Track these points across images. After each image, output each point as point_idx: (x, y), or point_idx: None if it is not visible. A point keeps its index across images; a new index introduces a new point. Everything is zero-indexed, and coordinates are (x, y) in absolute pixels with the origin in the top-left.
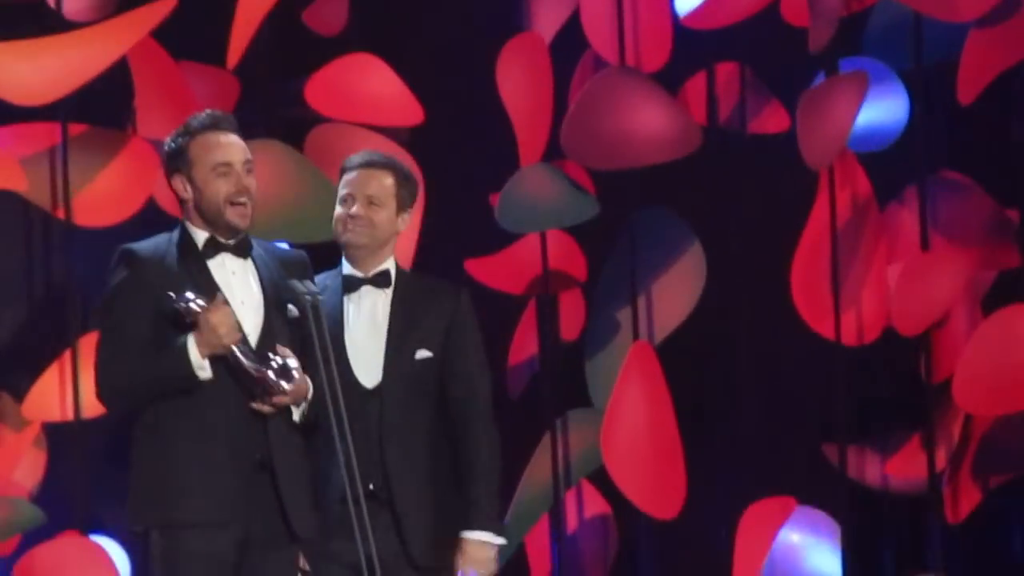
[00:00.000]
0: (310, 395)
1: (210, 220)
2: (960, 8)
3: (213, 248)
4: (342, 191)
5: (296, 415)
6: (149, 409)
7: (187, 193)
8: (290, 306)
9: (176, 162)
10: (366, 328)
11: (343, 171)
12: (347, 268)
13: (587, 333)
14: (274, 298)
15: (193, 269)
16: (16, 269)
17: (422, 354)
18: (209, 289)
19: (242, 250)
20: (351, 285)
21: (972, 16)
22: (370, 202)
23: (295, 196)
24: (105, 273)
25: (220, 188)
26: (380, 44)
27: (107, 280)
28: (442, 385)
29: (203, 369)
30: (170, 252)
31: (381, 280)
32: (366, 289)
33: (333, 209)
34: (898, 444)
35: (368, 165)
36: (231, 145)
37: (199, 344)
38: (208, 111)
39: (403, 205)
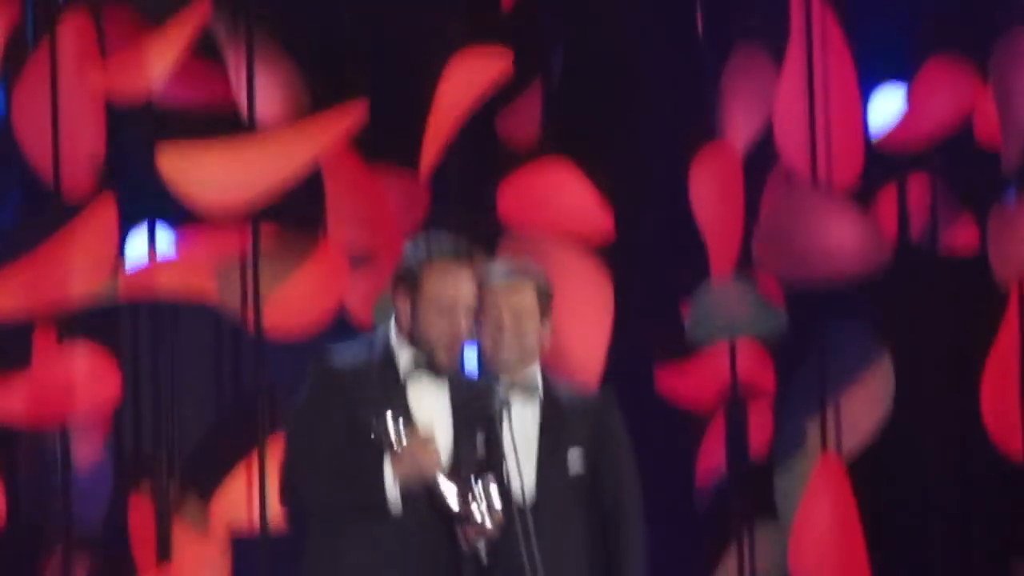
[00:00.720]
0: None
1: (419, 351)
2: None
3: (419, 369)
4: (487, 306)
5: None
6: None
7: (405, 315)
8: (479, 435)
9: (406, 280)
10: (518, 439)
11: (485, 286)
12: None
13: (775, 445)
14: (464, 427)
15: (392, 391)
16: (206, 373)
17: (575, 463)
18: (406, 413)
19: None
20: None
21: None
22: (518, 317)
23: None
24: (298, 379)
25: (440, 328)
26: (572, 151)
27: (301, 389)
28: (593, 494)
29: (396, 504)
30: (371, 367)
31: (528, 390)
32: (515, 401)
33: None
34: None
35: (511, 280)
36: (461, 286)
37: (396, 474)
38: (452, 240)
39: (545, 319)
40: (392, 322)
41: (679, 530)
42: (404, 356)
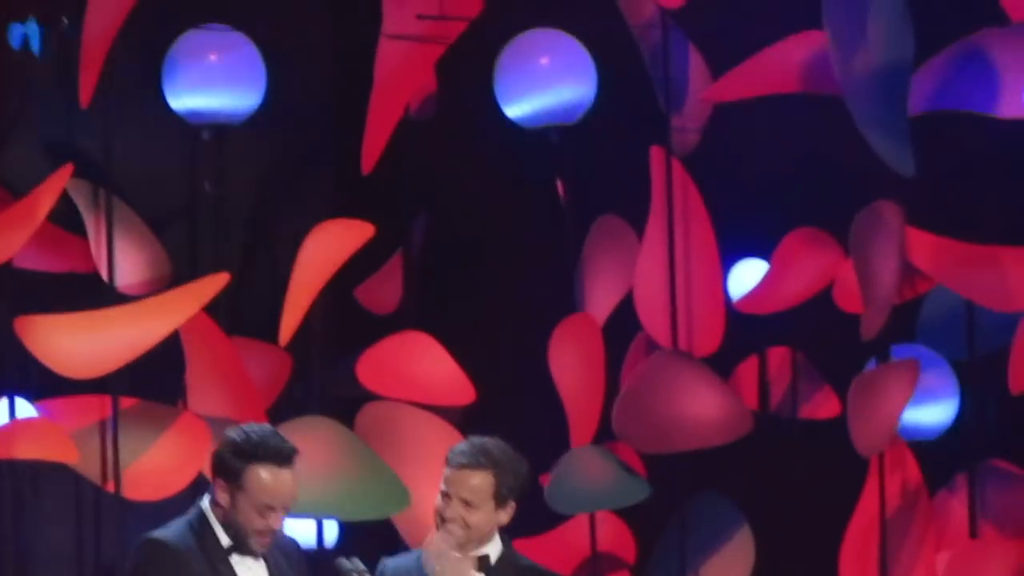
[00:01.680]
0: None
1: (232, 535)
2: (1012, 298)
3: (235, 550)
4: (442, 485)
5: None
6: None
7: (224, 502)
8: None
9: (227, 475)
10: None
11: (447, 462)
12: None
13: None
14: None
15: (218, 564)
16: (66, 541)
17: None
18: None
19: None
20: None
21: None
22: (466, 504)
23: (345, 473)
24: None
25: (256, 524)
26: (432, 323)
27: (131, 569)
28: None
29: None
30: (194, 543)
31: (481, 566)
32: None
33: (383, 487)
34: None
35: (465, 465)
36: (285, 489)
37: None
38: (278, 440)
39: (503, 500)
40: (207, 500)
41: None
42: (223, 538)
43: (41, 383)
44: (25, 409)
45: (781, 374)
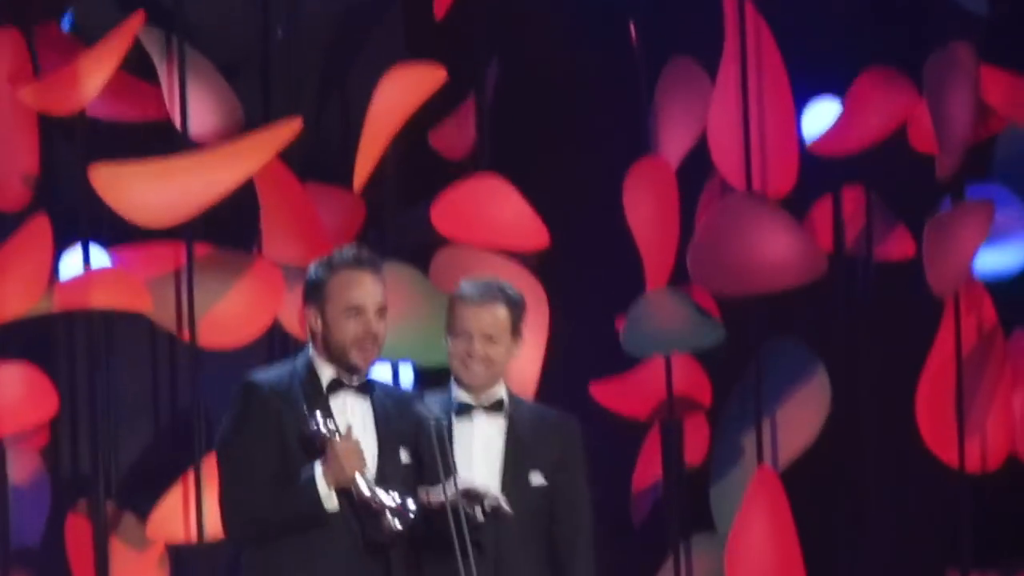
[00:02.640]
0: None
1: (335, 358)
2: None
3: (337, 387)
4: (455, 326)
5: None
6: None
7: (317, 327)
8: (402, 451)
9: (312, 294)
10: (479, 454)
11: (453, 303)
12: (460, 394)
13: (711, 458)
14: (388, 442)
15: (315, 407)
16: (141, 390)
17: (537, 481)
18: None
19: (364, 390)
20: (463, 411)
21: None
22: (489, 340)
23: (420, 318)
24: (227, 399)
25: (349, 330)
26: (506, 166)
27: (229, 411)
28: (550, 512)
29: (330, 500)
30: (294, 386)
31: (495, 408)
32: (478, 415)
33: None
34: (1021, 571)
35: (483, 301)
36: (367, 288)
37: (326, 474)
38: (353, 248)
39: (517, 334)
40: (310, 344)
41: (616, 543)
42: (325, 372)
43: (115, 232)
44: (99, 258)
45: (856, 215)
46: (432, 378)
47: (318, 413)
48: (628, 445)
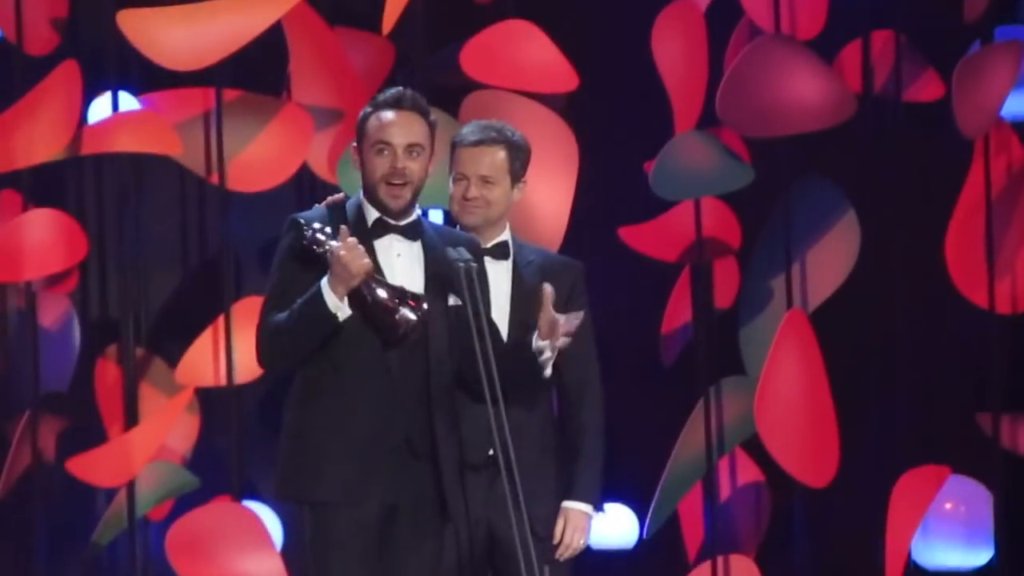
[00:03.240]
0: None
1: (370, 197)
2: None
3: (382, 228)
4: (455, 169)
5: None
6: (299, 382)
7: (357, 166)
8: (452, 296)
9: (357, 134)
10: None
11: (454, 146)
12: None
13: (741, 301)
14: (436, 285)
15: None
16: (171, 234)
17: None
18: (376, 269)
19: (411, 233)
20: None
21: None
22: (484, 181)
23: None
24: (257, 242)
25: (377, 166)
26: (535, 10)
27: (277, 247)
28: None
29: (340, 309)
30: (343, 224)
31: (499, 252)
32: (485, 260)
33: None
34: None
35: (480, 143)
36: (397, 125)
37: (332, 283)
38: (398, 90)
39: (516, 177)
40: (360, 189)
41: (646, 386)
42: (371, 213)
43: (144, 76)
44: (128, 102)
45: (884, 57)
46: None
47: (315, 224)
48: (658, 288)
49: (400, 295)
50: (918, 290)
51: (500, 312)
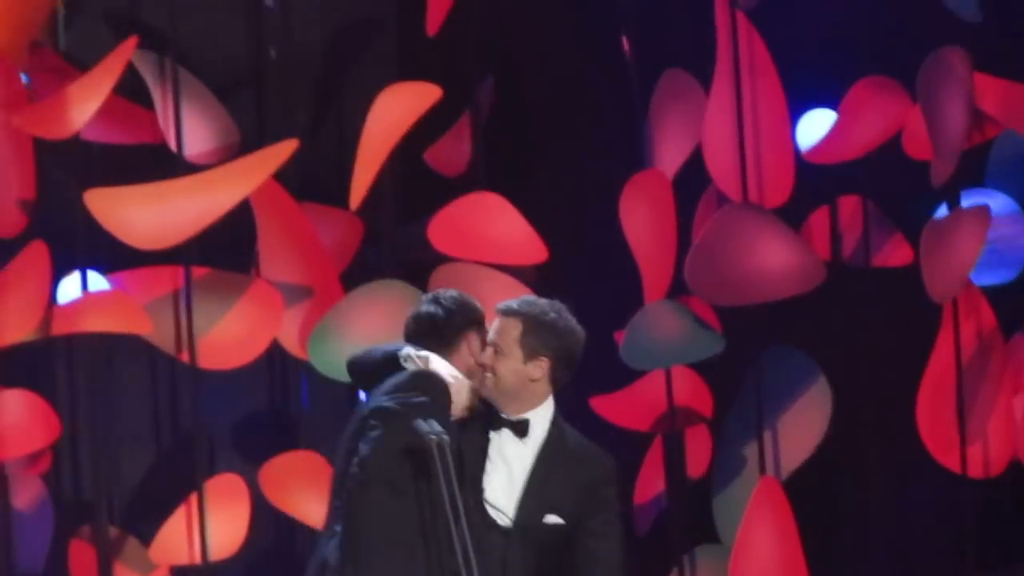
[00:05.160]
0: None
1: None
2: None
3: None
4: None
5: None
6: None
7: None
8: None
9: None
10: (503, 472)
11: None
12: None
13: (714, 469)
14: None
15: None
16: (142, 413)
17: (552, 520)
18: None
19: None
20: (495, 423)
21: None
22: (496, 351)
23: None
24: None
25: None
26: (503, 182)
27: None
28: (575, 539)
29: None
30: None
31: (519, 429)
32: (507, 433)
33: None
34: None
35: (500, 313)
36: None
37: None
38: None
39: (533, 353)
40: None
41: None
42: None
43: (112, 256)
44: (97, 282)
45: (852, 223)
46: None
47: None
48: (631, 458)
49: None
50: (891, 455)
51: (511, 489)
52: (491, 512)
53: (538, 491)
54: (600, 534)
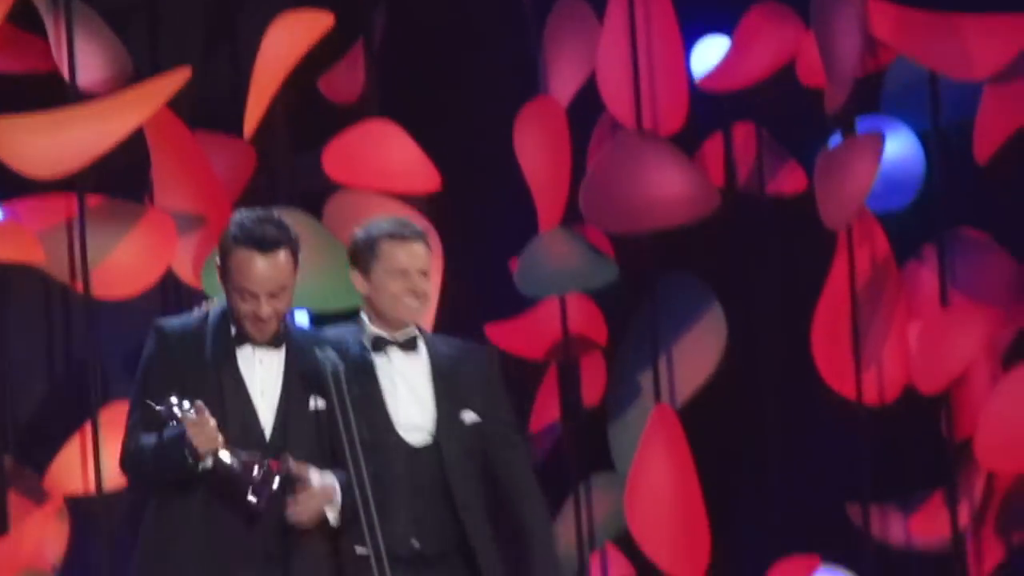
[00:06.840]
0: (337, 497)
1: (234, 317)
2: (974, 66)
3: (244, 338)
4: (389, 262)
5: (331, 518)
6: (156, 495)
7: (221, 283)
8: (316, 400)
9: (220, 257)
10: (403, 390)
11: (382, 241)
12: (373, 328)
13: (609, 397)
14: (297, 392)
15: (220, 355)
16: (36, 342)
17: (470, 417)
18: (236, 378)
19: (275, 342)
20: (379, 345)
21: (986, 74)
22: (423, 275)
23: (315, 264)
24: (122, 350)
25: (240, 308)
26: (396, 111)
27: (141, 354)
28: (490, 432)
29: (196, 467)
30: (204, 333)
31: (410, 345)
32: (394, 351)
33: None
34: (921, 503)
35: (415, 236)
36: (261, 275)
37: (188, 446)
38: (261, 219)
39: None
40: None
41: None
42: (235, 326)
43: (5, 185)
44: None
45: (746, 150)
46: (325, 322)
47: (172, 397)
48: (526, 386)
49: (253, 470)
50: (786, 382)
51: (418, 402)
52: (407, 436)
53: (447, 392)
54: (507, 421)
